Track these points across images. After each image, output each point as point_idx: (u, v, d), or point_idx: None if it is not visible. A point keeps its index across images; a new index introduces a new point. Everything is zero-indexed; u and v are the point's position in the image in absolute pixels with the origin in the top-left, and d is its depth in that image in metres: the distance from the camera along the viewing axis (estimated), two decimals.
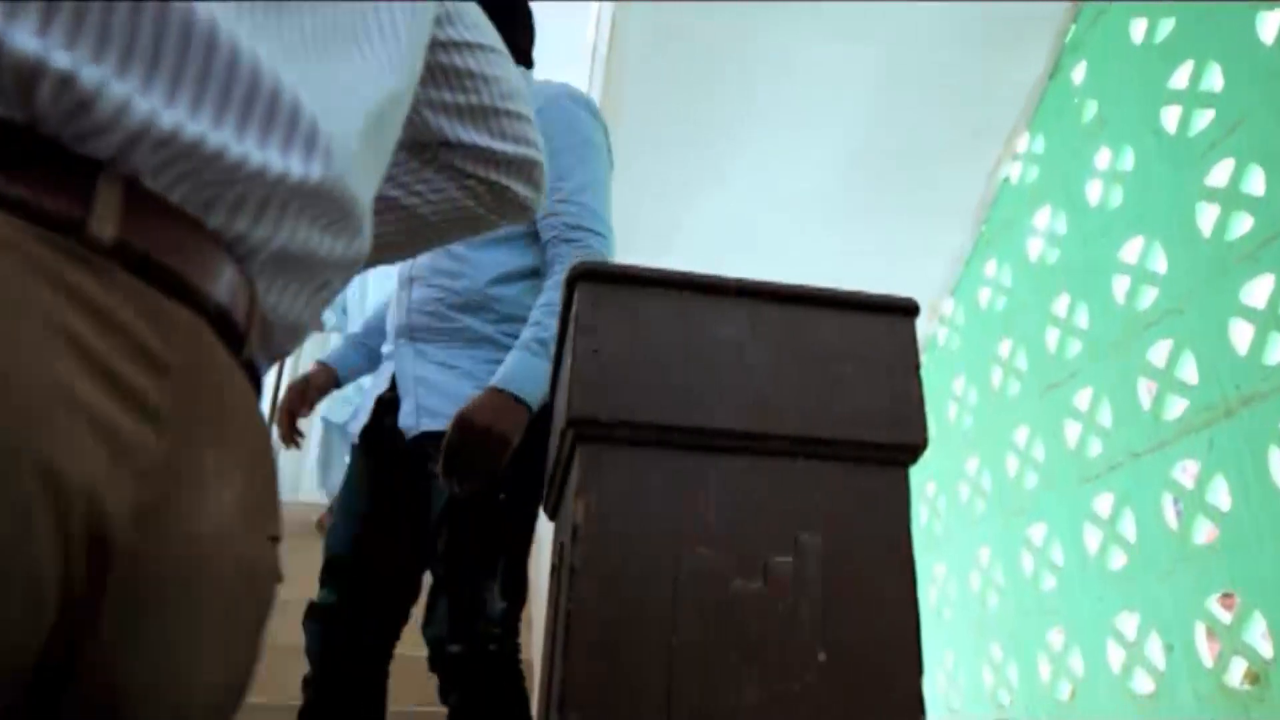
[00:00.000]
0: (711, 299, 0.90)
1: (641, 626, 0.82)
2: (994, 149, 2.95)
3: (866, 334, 0.95)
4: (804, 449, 0.89)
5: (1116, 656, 2.18)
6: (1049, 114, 2.79)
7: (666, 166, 2.82)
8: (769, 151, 2.90)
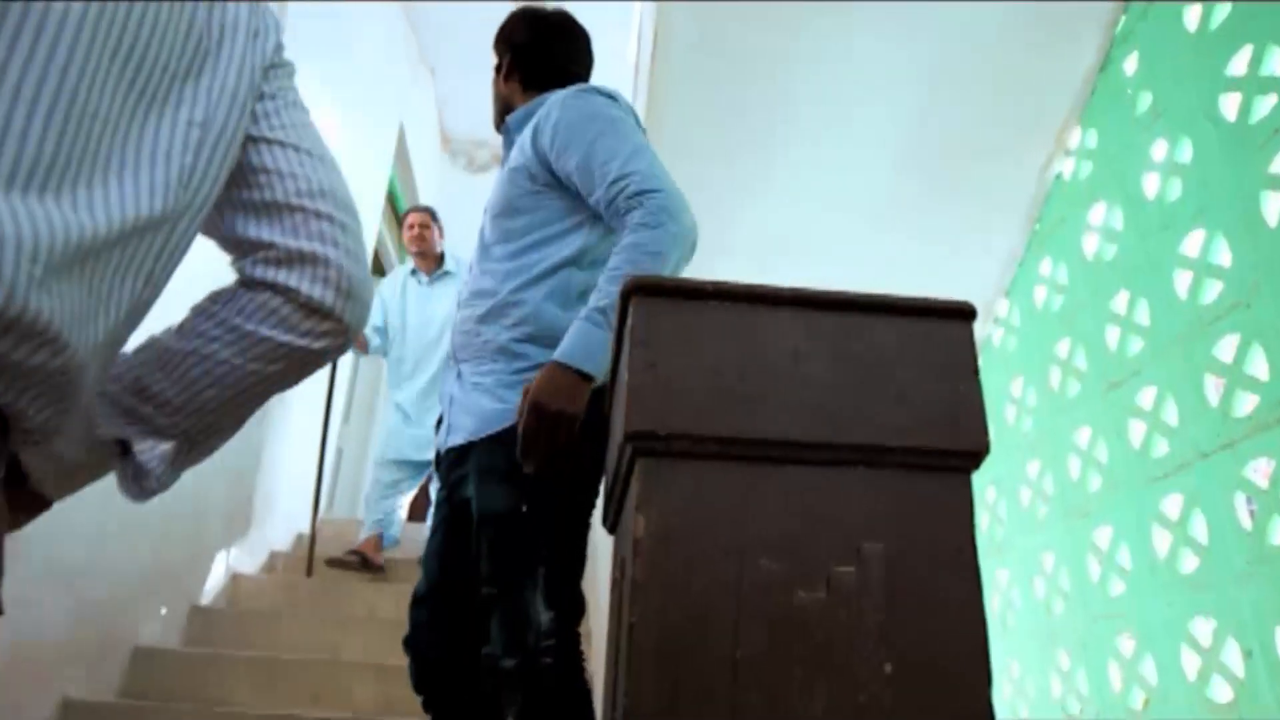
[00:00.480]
0: (767, 309, 0.90)
1: (705, 639, 0.82)
2: (1045, 145, 2.89)
3: (923, 339, 0.94)
4: (864, 457, 0.88)
5: (1192, 663, 2.11)
6: (1101, 107, 2.73)
7: (715, 175, 2.82)
8: (817, 155, 2.89)
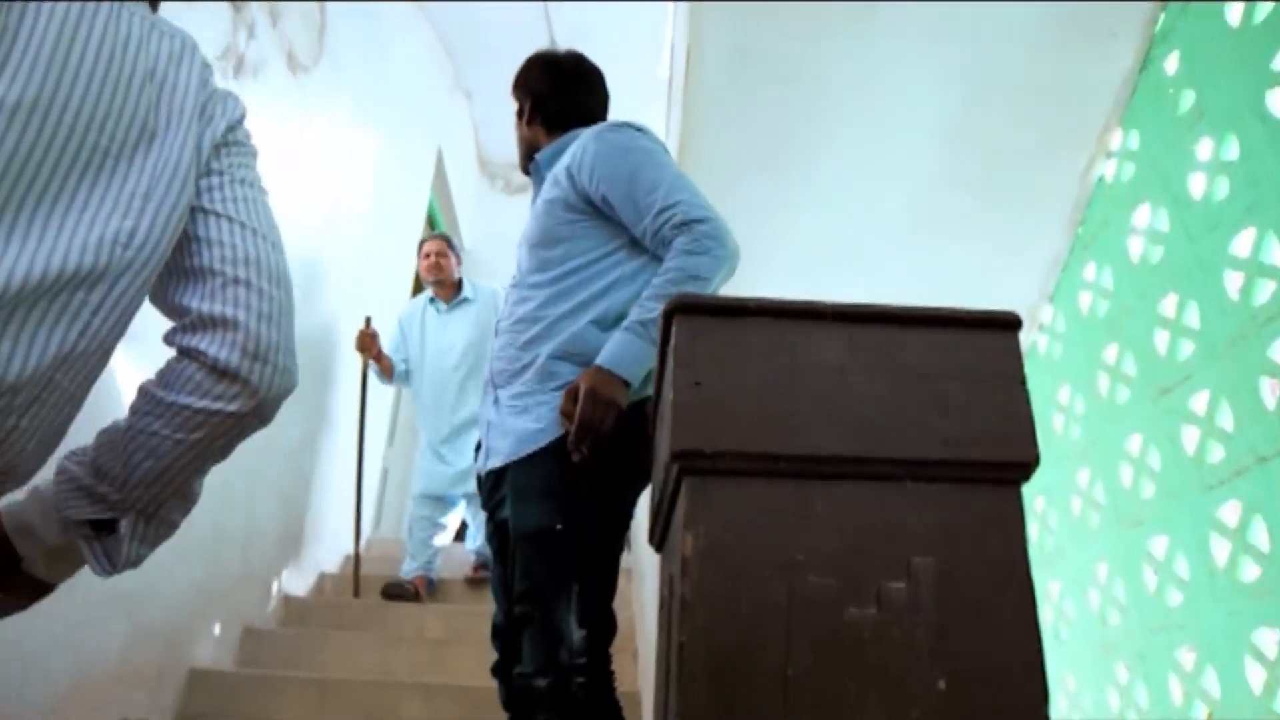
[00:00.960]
0: (810, 324, 0.90)
1: (755, 657, 0.81)
2: (1085, 148, 2.85)
3: (969, 350, 0.93)
4: (912, 471, 0.87)
5: (1257, 675, 2.05)
6: (1142, 108, 2.69)
7: (753, 188, 2.82)
8: (854, 165, 2.87)
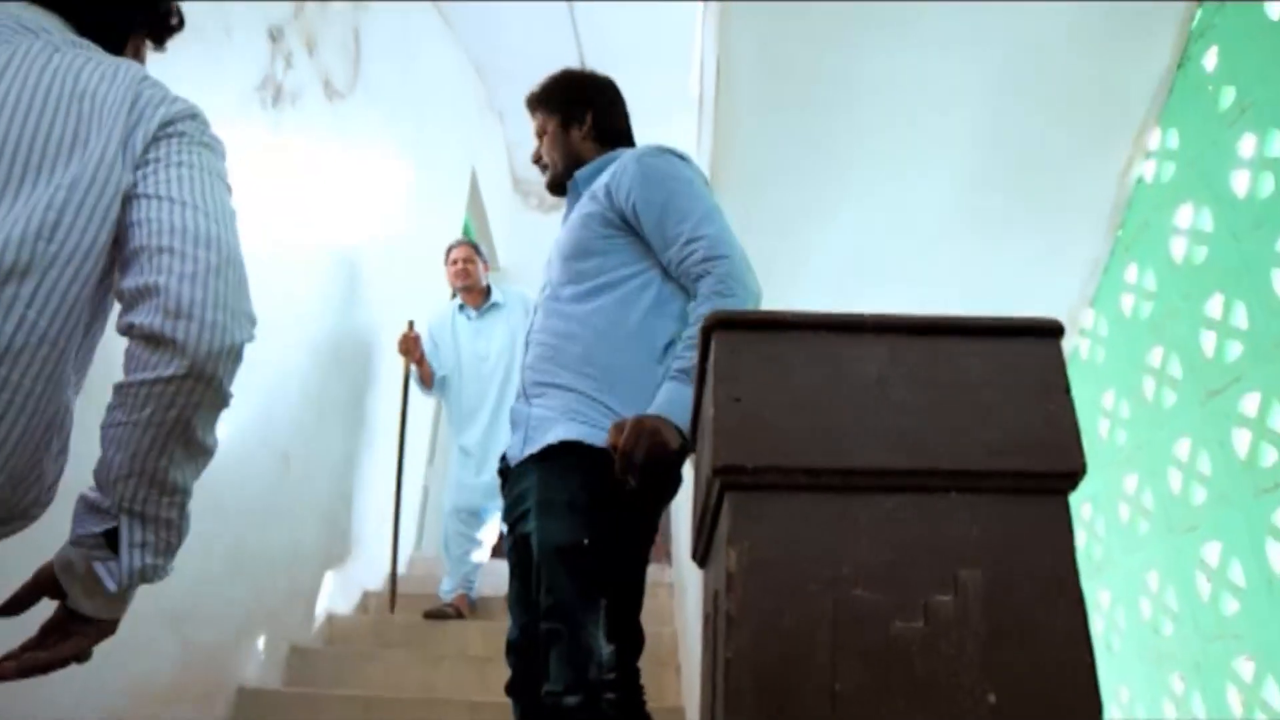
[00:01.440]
0: (849, 336, 0.90)
1: (803, 673, 0.81)
2: (1123, 149, 2.80)
3: (1010, 359, 0.92)
4: (956, 483, 0.86)
5: None
6: (1180, 106, 2.64)
7: (787, 202, 2.81)
8: (888, 172, 2.86)
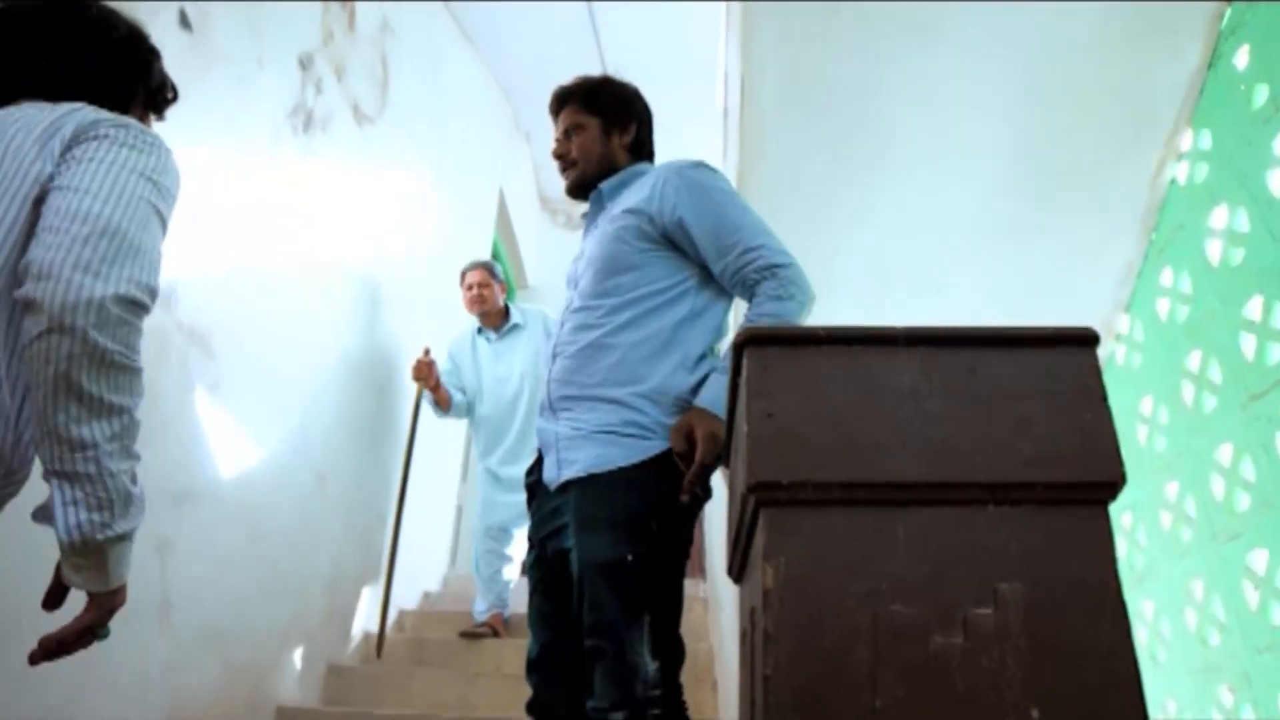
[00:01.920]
0: (881, 349, 0.89)
1: (842, 689, 0.80)
2: (1154, 151, 2.77)
3: (1046, 369, 0.92)
4: (994, 495, 0.85)
5: None
6: (1212, 106, 2.60)
7: (813, 213, 2.81)
8: (916, 181, 2.84)
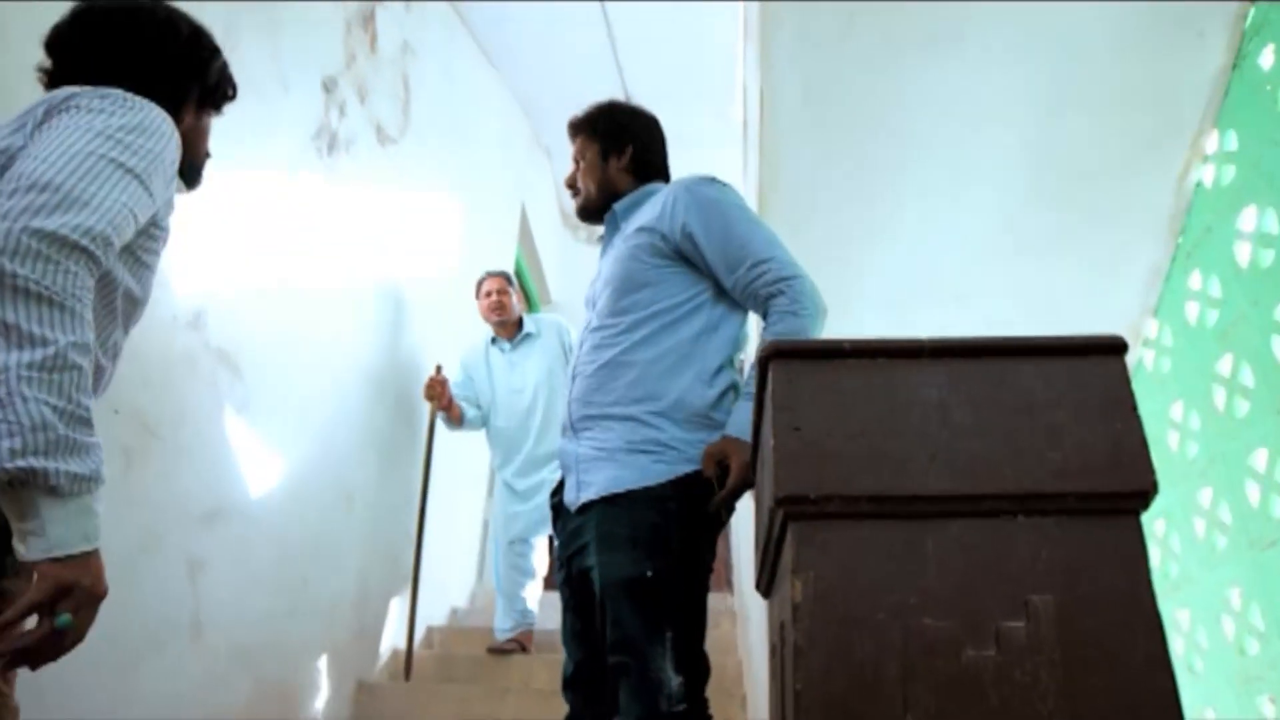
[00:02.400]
0: (907, 361, 0.89)
1: (873, 703, 0.80)
2: (1179, 154, 2.74)
3: (1074, 378, 0.91)
4: (1024, 506, 0.85)
5: None
6: (1237, 107, 2.58)
7: (836, 226, 2.80)
8: (938, 191, 2.83)
